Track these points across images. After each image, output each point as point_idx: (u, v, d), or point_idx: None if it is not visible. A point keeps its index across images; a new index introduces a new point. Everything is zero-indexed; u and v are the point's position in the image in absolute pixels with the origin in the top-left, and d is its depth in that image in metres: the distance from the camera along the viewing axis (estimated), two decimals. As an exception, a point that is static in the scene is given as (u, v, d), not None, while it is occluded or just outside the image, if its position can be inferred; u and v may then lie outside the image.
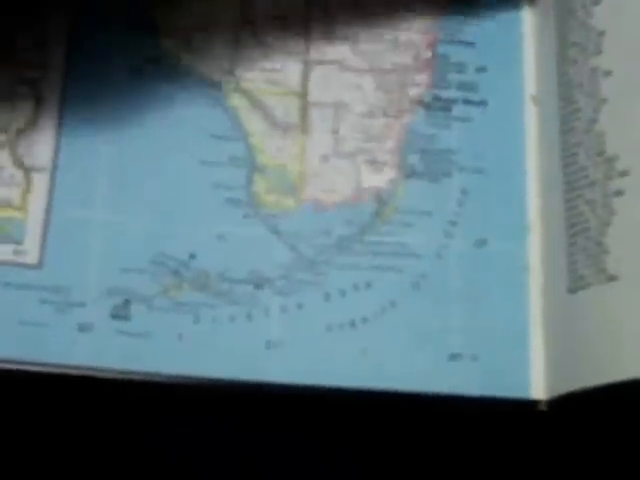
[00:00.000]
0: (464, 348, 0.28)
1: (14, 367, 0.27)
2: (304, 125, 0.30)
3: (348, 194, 0.30)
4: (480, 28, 0.32)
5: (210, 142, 0.30)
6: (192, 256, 0.29)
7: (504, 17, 0.32)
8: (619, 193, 0.28)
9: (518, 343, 0.28)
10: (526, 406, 0.28)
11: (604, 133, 0.29)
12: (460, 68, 0.31)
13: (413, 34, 0.31)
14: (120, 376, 0.27)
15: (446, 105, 0.31)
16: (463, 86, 0.31)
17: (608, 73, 0.30)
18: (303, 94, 0.30)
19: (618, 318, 0.27)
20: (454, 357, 0.28)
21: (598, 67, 0.30)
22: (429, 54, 0.31)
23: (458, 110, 0.31)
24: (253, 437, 0.29)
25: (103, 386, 0.27)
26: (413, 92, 0.31)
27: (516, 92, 0.31)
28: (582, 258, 0.28)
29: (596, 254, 0.28)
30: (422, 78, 0.31)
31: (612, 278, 0.27)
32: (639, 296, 0.27)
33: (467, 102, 0.31)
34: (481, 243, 0.29)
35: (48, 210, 0.29)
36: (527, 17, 0.32)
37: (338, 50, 0.31)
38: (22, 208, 0.28)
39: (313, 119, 0.30)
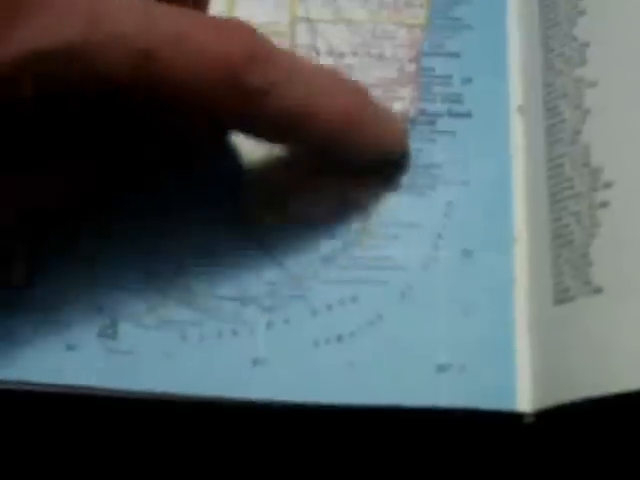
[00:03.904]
0: (451, 359, 0.28)
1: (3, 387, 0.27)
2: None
3: (335, 208, 0.30)
4: (465, 38, 0.32)
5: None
6: (178, 272, 0.29)
7: (489, 27, 0.32)
8: (604, 205, 0.28)
9: (504, 354, 0.28)
10: (512, 418, 0.28)
11: (589, 144, 0.29)
12: (445, 80, 0.31)
13: (397, 48, 0.32)
14: (108, 394, 0.27)
15: (431, 119, 0.31)
16: (448, 98, 0.31)
17: (593, 84, 0.30)
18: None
19: (604, 331, 0.27)
20: (441, 369, 0.28)
21: (583, 78, 0.30)
22: (413, 67, 0.31)
23: (443, 123, 0.31)
24: (240, 454, 0.29)
25: (90, 405, 0.27)
26: (398, 106, 0.31)
27: (501, 103, 0.31)
28: (567, 270, 0.28)
29: (581, 266, 0.28)
30: (407, 92, 0.31)
31: (597, 290, 0.27)
32: (624, 308, 0.27)
33: (452, 115, 0.31)
34: (467, 254, 0.29)
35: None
36: (512, 27, 0.32)
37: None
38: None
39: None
